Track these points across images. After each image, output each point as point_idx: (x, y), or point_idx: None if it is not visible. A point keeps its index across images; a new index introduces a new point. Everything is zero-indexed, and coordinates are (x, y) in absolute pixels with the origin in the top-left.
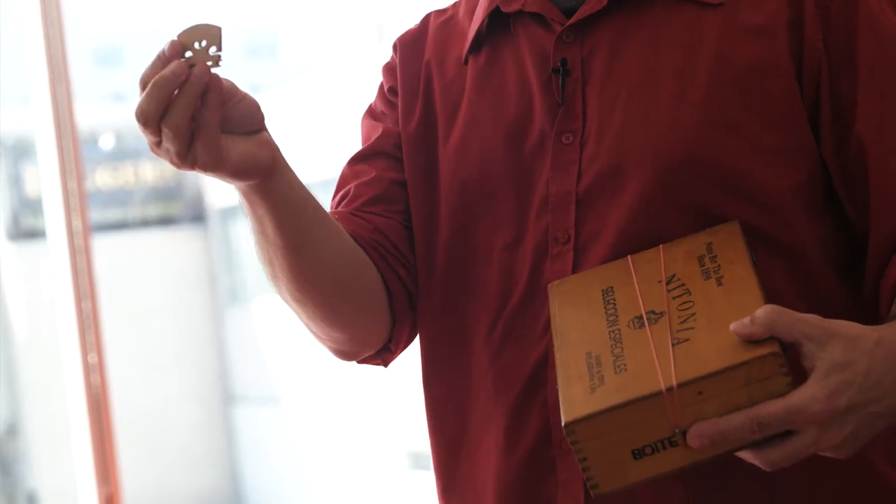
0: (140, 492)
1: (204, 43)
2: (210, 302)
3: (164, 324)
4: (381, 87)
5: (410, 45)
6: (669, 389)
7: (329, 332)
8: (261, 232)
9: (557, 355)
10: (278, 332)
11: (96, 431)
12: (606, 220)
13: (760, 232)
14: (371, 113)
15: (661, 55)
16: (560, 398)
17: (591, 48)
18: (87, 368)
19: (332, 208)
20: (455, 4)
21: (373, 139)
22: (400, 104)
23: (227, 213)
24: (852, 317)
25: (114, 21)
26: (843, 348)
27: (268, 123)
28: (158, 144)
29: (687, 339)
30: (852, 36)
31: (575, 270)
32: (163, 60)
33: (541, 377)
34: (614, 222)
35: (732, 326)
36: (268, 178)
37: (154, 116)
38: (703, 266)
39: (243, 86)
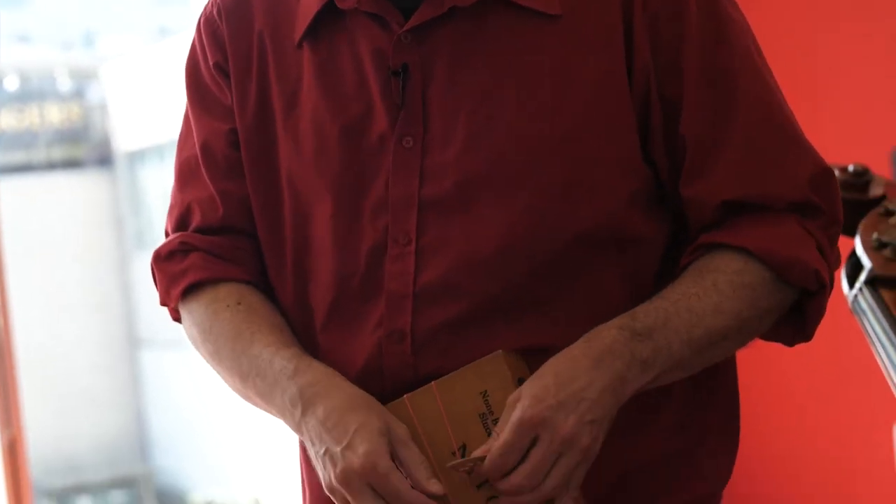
0: (44, 435)
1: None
2: (116, 246)
3: (70, 267)
4: (206, 57)
5: (236, 11)
6: None
7: None
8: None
9: None
10: None
11: None
12: (451, 229)
13: (599, 239)
14: (199, 97)
15: (504, 66)
16: None
17: (432, 52)
18: None
19: (170, 227)
20: None
21: (204, 140)
22: (234, 91)
23: (135, 157)
24: None
25: None
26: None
27: (175, 68)
28: None
29: None
30: (679, 43)
31: (417, 274)
32: None
33: (373, 367)
34: (459, 231)
35: None
36: None
37: None
38: (488, 433)
39: (151, 29)
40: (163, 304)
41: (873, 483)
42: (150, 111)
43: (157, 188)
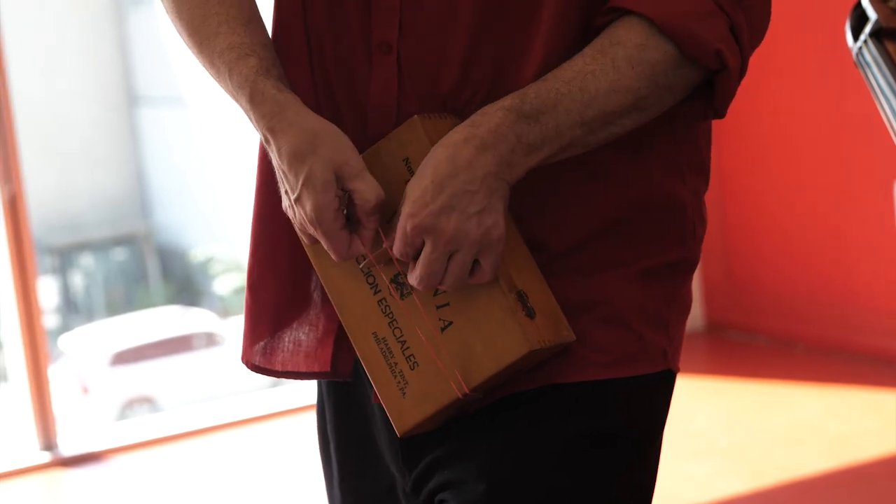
0: (44, 193)
1: None
2: (112, 0)
3: (65, 22)
4: None
5: None
6: (465, 395)
7: None
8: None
9: (347, 329)
10: None
11: None
12: None
13: None
14: None
15: None
16: (380, 398)
17: None
18: None
19: None
20: None
21: None
22: None
23: None
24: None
25: None
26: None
27: None
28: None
29: (451, 323)
30: None
31: None
32: None
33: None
34: None
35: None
36: None
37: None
38: None
39: None
40: None
41: (872, 242)
42: None
43: None
